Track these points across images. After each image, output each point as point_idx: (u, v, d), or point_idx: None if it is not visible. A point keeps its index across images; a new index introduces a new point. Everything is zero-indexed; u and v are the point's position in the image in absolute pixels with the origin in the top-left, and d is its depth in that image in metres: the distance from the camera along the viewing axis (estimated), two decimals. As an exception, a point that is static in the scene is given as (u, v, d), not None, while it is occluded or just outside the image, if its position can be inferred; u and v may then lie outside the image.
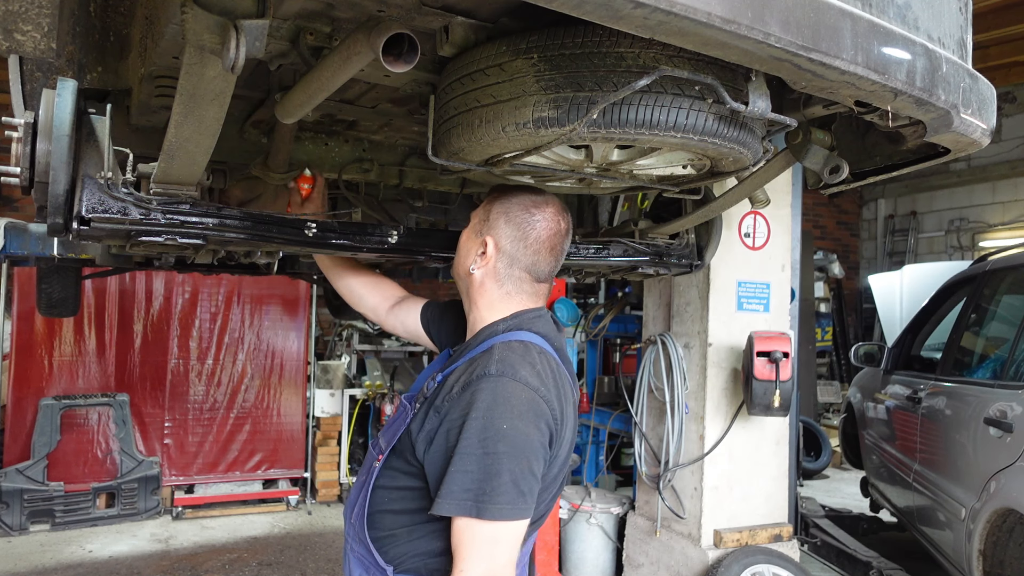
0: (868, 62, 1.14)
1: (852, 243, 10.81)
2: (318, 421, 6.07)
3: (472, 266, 1.47)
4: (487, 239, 1.45)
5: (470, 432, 1.22)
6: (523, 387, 1.26)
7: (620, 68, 1.24)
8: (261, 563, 4.62)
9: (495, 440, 1.20)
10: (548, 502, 1.39)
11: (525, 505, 1.23)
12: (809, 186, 1.88)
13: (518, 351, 1.33)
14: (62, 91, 1.49)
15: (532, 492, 1.24)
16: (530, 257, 1.43)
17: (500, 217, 1.45)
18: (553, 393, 1.30)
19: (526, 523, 1.25)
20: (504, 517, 1.20)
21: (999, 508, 2.97)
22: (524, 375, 1.27)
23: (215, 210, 1.71)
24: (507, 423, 1.22)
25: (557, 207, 1.47)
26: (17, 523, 4.90)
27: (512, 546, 1.23)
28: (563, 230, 1.46)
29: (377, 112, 1.95)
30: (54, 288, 3.73)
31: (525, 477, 1.22)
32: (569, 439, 1.37)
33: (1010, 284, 3.88)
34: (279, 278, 5.56)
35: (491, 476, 1.20)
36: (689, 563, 3.68)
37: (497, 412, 1.22)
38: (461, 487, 1.21)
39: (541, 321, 1.44)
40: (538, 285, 1.47)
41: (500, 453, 1.20)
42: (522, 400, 1.24)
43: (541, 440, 1.25)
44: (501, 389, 1.24)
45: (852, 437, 5.63)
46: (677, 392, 3.75)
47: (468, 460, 1.21)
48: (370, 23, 1.20)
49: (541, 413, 1.26)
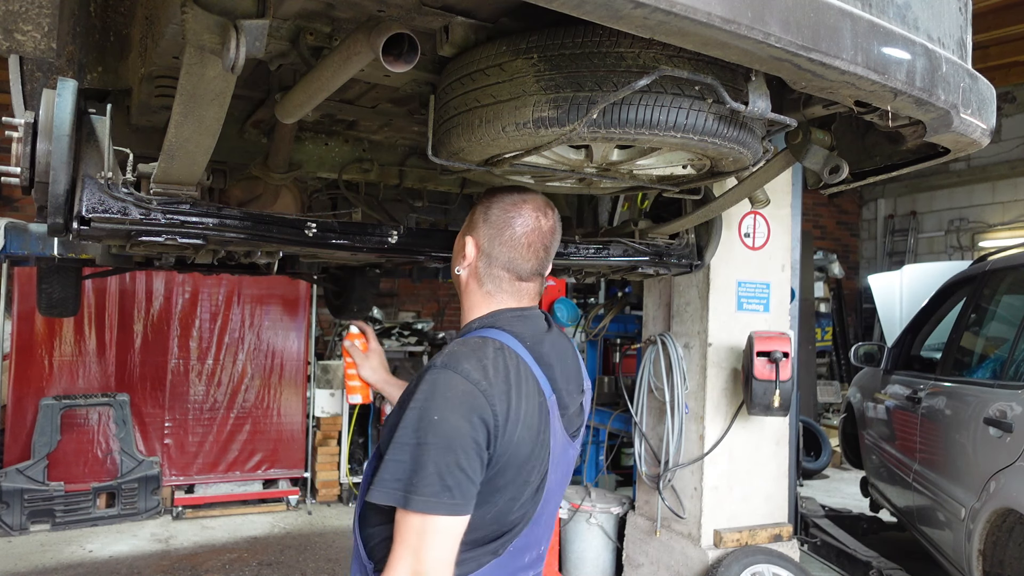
0: (868, 62, 1.14)
1: (852, 243, 10.81)
2: (318, 421, 6.07)
3: (457, 267, 1.48)
4: (467, 239, 1.45)
5: (407, 421, 1.23)
6: (462, 380, 1.24)
7: (620, 68, 1.24)
8: (261, 563, 4.62)
9: (426, 431, 1.20)
10: (516, 510, 1.33)
11: (452, 501, 1.20)
12: (809, 186, 1.88)
13: (471, 345, 1.31)
14: (62, 91, 1.49)
15: (460, 487, 1.20)
16: (506, 254, 1.42)
17: (481, 217, 1.45)
18: (500, 390, 1.26)
19: (458, 520, 1.22)
20: (429, 510, 1.18)
21: (999, 508, 2.97)
22: (466, 368, 1.25)
23: (215, 210, 1.71)
24: (439, 414, 1.21)
25: (536, 204, 1.44)
26: (17, 523, 4.90)
27: (443, 544, 1.20)
28: (543, 227, 1.43)
29: (377, 112, 1.95)
30: (54, 288, 3.73)
31: (452, 471, 1.19)
32: (530, 442, 1.30)
33: (1010, 284, 3.88)
34: (279, 278, 5.56)
35: (419, 467, 1.19)
36: (689, 563, 3.68)
37: (433, 403, 1.22)
38: (392, 475, 1.21)
39: (522, 321, 1.41)
40: (521, 284, 1.45)
41: (428, 444, 1.19)
42: (458, 392, 1.23)
43: (473, 435, 1.22)
44: (441, 380, 1.24)
45: (852, 437, 5.63)
46: (677, 392, 3.75)
47: (402, 449, 1.22)
48: (370, 23, 1.20)
49: (476, 407, 1.23)
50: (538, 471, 1.34)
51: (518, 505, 1.33)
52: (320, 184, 2.56)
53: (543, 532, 1.44)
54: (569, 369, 1.47)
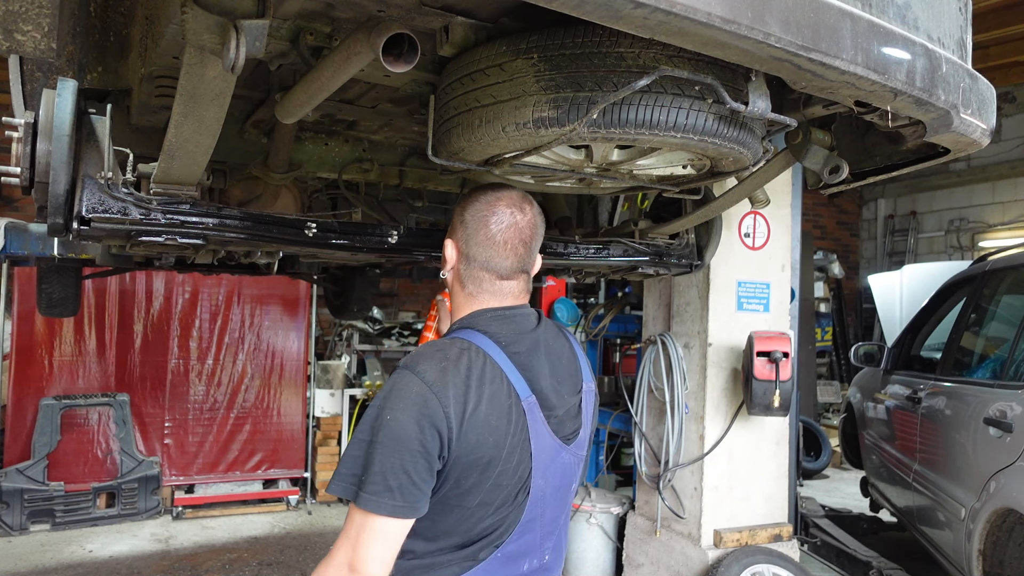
0: (868, 62, 1.14)
1: (852, 243, 10.81)
2: (318, 421, 6.07)
3: (443, 272, 1.48)
4: (448, 242, 1.45)
5: (367, 418, 1.25)
6: (417, 381, 1.24)
7: (620, 68, 1.24)
8: (261, 563, 4.62)
9: (378, 429, 1.22)
10: (489, 516, 1.30)
11: (393, 502, 1.19)
12: (809, 186, 1.87)
13: (436, 346, 1.32)
14: (62, 91, 1.49)
15: (403, 490, 1.20)
16: (482, 253, 1.39)
17: (458, 219, 1.44)
18: (456, 391, 1.24)
19: (398, 523, 1.22)
20: (370, 508, 1.19)
21: (999, 508, 2.97)
22: (423, 369, 1.25)
23: (215, 210, 1.71)
24: (391, 415, 1.22)
25: (511, 199, 1.40)
26: (17, 523, 4.90)
27: (380, 543, 1.20)
28: (520, 223, 1.39)
29: (377, 112, 1.95)
30: (54, 288, 3.73)
31: (395, 472, 1.20)
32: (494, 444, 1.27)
33: (1010, 284, 3.88)
34: (279, 278, 5.56)
35: (367, 465, 1.21)
36: (689, 563, 3.68)
37: (388, 402, 1.23)
38: (348, 470, 1.23)
39: (500, 322, 1.38)
40: (502, 283, 1.41)
41: (378, 442, 1.21)
42: (412, 393, 1.23)
43: (420, 439, 1.21)
44: (398, 381, 1.26)
45: (852, 437, 5.63)
46: (677, 392, 3.75)
47: (357, 445, 1.24)
48: (370, 23, 1.20)
49: (428, 411, 1.22)
50: (513, 475, 1.30)
51: (492, 510, 1.30)
52: (320, 184, 2.56)
53: (542, 539, 1.39)
54: (562, 369, 1.42)
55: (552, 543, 1.43)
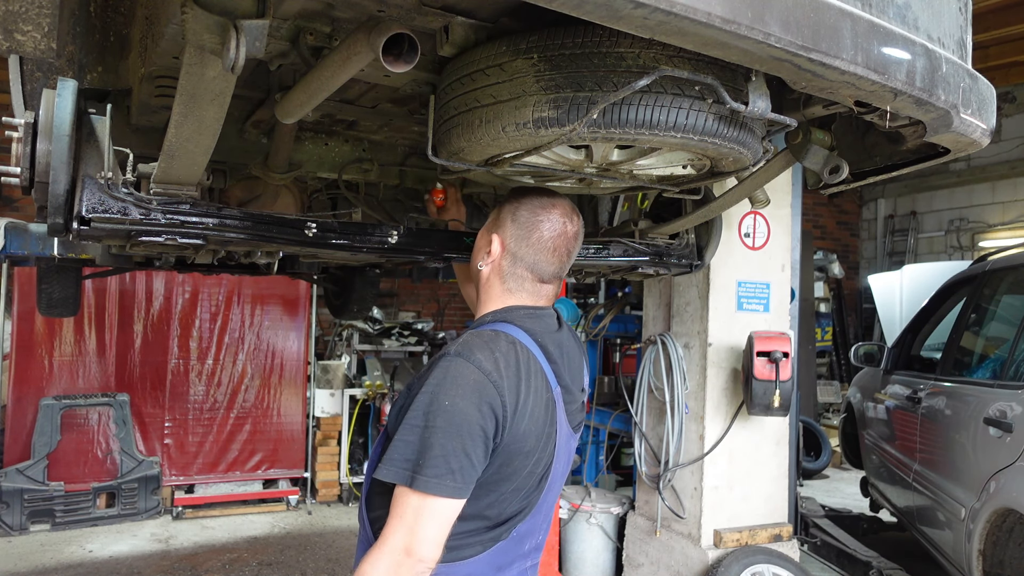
0: (868, 62, 1.14)
1: (852, 243, 10.81)
2: (318, 421, 6.07)
3: (480, 263, 1.52)
4: (494, 237, 1.49)
5: (418, 405, 1.27)
6: (474, 368, 1.28)
7: (620, 68, 1.24)
8: (261, 563, 4.62)
9: (435, 414, 1.24)
10: (519, 499, 1.38)
11: (454, 483, 1.24)
12: (809, 186, 1.87)
13: (484, 337, 1.35)
14: (62, 91, 1.48)
15: (463, 472, 1.25)
16: (532, 256, 1.46)
17: (508, 216, 1.49)
18: (510, 382, 1.31)
19: (455, 504, 1.26)
20: (430, 490, 1.22)
21: (999, 508, 2.97)
22: (478, 358, 1.29)
23: (215, 210, 1.70)
24: (449, 400, 1.25)
25: (565, 209, 1.49)
26: (17, 523, 4.90)
27: (437, 524, 1.24)
28: (569, 232, 1.48)
29: (377, 112, 1.95)
30: (54, 288, 3.73)
31: (456, 455, 1.24)
32: (536, 435, 1.35)
33: (1010, 284, 3.88)
34: (279, 278, 5.56)
35: (426, 448, 1.23)
36: (689, 563, 3.68)
37: (443, 389, 1.26)
38: (401, 455, 1.25)
39: (534, 319, 1.45)
40: (541, 285, 1.50)
41: (437, 427, 1.24)
42: (469, 381, 1.27)
43: (481, 423, 1.26)
44: (453, 368, 1.28)
45: (852, 437, 5.63)
46: (677, 392, 3.75)
47: (411, 431, 1.26)
48: (370, 23, 1.20)
49: (486, 396, 1.27)
50: (543, 462, 1.39)
51: (523, 494, 1.38)
52: (320, 184, 2.56)
53: (543, 521, 1.49)
54: (575, 367, 1.52)
55: (548, 524, 1.53)
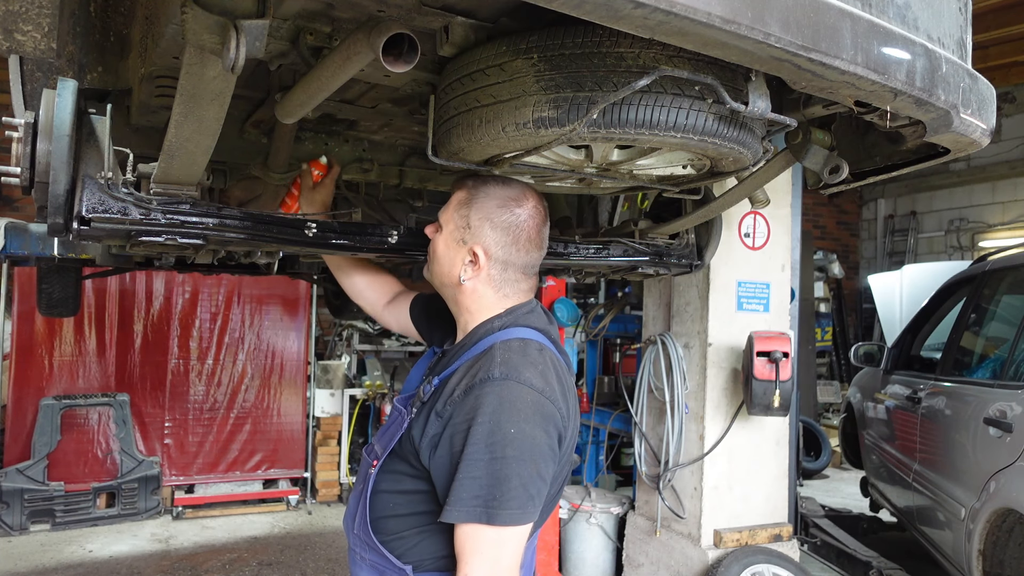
0: (868, 62, 1.14)
1: (852, 243, 10.81)
2: (318, 421, 6.07)
3: (463, 277, 1.43)
4: (475, 248, 1.41)
5: (477, 437, 1.21)
6: (528, 390, 1.25)
7: (620, 68, 1.24)
8: (261, 563, 4.62)
9: (502, 445, 1.20)
10: (551, 502, 1.39)
11: (533, 508, 1.24)
12: (809, 186, 1.87)
13: (518, 350, 1.32)
14: (62, 91, 1.48)
15: (540, 495, 1.25)
16: (523, 258, 1.42)
17: (484, 223, 1.41)
18: (558, 391, 1.30)
19: (530, 525, 1.26)
20: (513, 522, 1.21)
21: (999, 508, 2.97)
22: (528, 377, 1.26)
23: (215, 210, 1.70)
24: (514, 427, 1.21)
25: (535, 198, 1.44)
26: (17, 523, 4.90)
27: (516, 549, 1.23)
28: (544, 214, 1.46)
29: (377, 112, 1.95)
30: (54, 288, 3.73)
31: (534, 481, 1.22)
32: (572, 434, 1.36)
33: (1010, 284, 3.88)
34: (279, 278, 5.56)
35: (500, 481, 1.19)
36: (689, 563, 3.68)
37: (504, 416, 1.21)
38: (470, 493, 1.20)
39: (534, 315, 1.44)
40: (531, 280, 1.48)
41: (508, 458, 1.20)
42: (528, 403, 1.24)
43: (549, 443, 1.25)
44: (507, 393, 1.24)
45: (852, 437, 5.63)
46: (677, 392, 3.75)
47: (476, 466, 1.20)
48: (370, 23, 1.20)
49: (548, 415, 1.26)
50: (570, 464, 1.41)
51: (555, 492, 1.39)
52: (320, 184, 2.55)
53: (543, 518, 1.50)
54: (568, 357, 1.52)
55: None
